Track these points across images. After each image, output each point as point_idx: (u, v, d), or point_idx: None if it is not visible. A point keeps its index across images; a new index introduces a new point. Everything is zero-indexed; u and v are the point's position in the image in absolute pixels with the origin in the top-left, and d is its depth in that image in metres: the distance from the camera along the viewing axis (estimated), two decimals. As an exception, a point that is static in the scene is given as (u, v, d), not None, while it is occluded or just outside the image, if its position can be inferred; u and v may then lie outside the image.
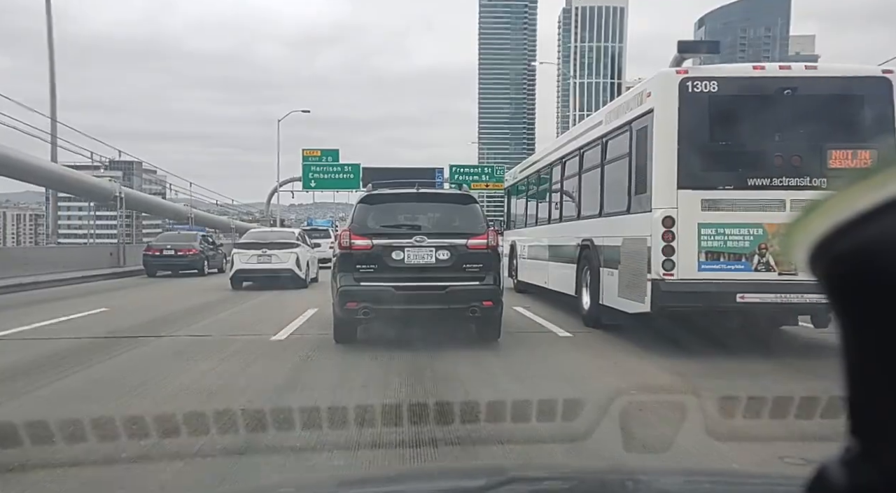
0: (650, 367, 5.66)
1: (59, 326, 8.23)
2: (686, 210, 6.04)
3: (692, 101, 6.10)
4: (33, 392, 4.69)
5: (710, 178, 6.09)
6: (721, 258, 6.05)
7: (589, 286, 7.87)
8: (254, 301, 11.29)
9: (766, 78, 6.23)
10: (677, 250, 6.04)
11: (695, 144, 6.10)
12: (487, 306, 6.45)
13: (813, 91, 6.14)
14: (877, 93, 6.08)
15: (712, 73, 6.22)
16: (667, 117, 6.16)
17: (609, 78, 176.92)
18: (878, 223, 0.40)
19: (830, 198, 0.42)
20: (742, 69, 6.54)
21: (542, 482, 1.14)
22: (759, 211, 6.01)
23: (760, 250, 6.03)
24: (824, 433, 3.31)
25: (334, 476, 2.52)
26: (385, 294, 6.32)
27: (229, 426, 3.68)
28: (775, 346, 6.73)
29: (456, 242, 6.48)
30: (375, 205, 6.86)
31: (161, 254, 18.67)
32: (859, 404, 0.44)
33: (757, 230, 6.03)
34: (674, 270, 6.03)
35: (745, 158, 6.10)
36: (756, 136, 6.15)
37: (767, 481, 1.33)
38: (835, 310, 0.44)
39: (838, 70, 6.36)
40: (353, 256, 6.50)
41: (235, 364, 5.68)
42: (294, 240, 14.69)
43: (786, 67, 6.36)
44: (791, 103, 6.10)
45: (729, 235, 6.05)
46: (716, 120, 6.16)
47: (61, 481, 2.98)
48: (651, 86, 6.51)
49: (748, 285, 5.97)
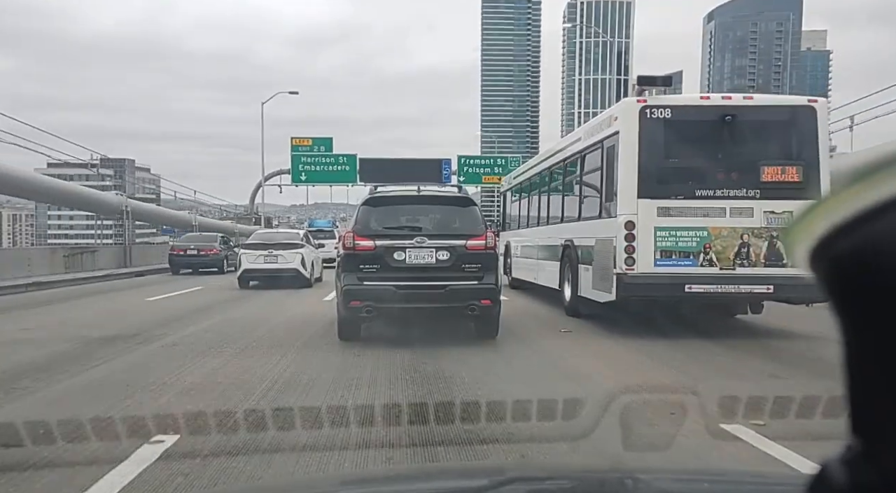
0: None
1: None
2: (644, 216, 7.50)
3: (650, 125, 7.57)
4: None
5: (665, 189, 7.55)
6: (673, 256, 7.51)
7: (569, 281, 9.36)
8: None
9: (712, 106, 7.71)
10: (637, 249, 7.49)
11: (652, 160, 7.56)
12: (486, 304, 6.87)
13: (750, 117, 7.60)
14: (804, 119, 7.56)
15: (667, 102, 7.70)
16: (629, 138, 7.63)
17: (617, 74, 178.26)
18: (878, 223, 0.40)
19: (830, 198, 0.43)
20: (691, 99, 8.03)
21: (542, 482, 1.16)
22: (704, 217, 7.47)
23: (705, 249, 7.49)
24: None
25: (335, 476, 2.65)
26: (387, 293, 6.71)
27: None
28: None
29: (455, 243, 6.90)
30: (378, 207, 7.31)
31: (185, 253, 20.70)
32: (859, 404, 0.45)
33: (702, 233, 7.49)
34: (634, 265, 7.49)
35: (694, 173, 7.57)
36: (702, 154, 7.61)
37: (768, 480, 1.32)
38: (835, 310, 0.44)
39: (771, 99, 7.85)
40: (356, 256, 6.90)
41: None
42: (299, 240, 15.73)
43: (727, 97, 7.84)
44: (732, 127, 7.57)
45: (679, 237, 7.51)
46: (669, 141, 7.61)
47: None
48: (617, 111, 7.98)
49: (694, 278, 7.43)
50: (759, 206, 7.42)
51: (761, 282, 7.40)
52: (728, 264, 7.42)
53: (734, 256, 7.43)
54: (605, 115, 8.63)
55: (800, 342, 7.37)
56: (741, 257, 7.43)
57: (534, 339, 7.51)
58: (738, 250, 7.43)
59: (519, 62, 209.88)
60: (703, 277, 7.42)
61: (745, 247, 7.43)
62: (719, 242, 7.45)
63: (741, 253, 7.43)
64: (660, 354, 6.46)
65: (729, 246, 7.43)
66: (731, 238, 7.44)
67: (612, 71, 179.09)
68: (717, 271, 7.44)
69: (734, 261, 7.43)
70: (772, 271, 7.36)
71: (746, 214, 7.44)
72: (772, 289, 7.41)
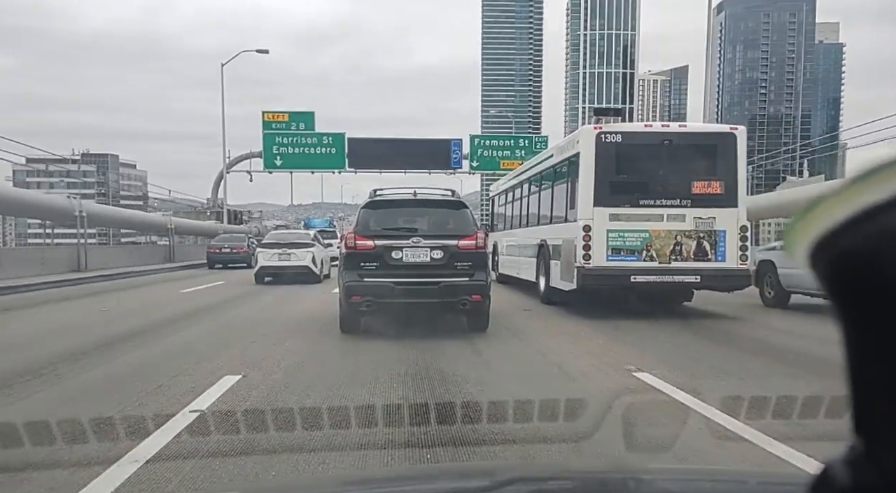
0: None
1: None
2: (599, 221, 9.76)
3: (604, 147, 9.83)
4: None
5: (615, 199, 9.81)
6: (621, 253, 9.78)
7: (544, 274, 11.64)
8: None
9: (654, 132, 9.99)
10: (593, 247, 9.76)
11: (605, 176, 9.82)
12: (476, 299, 7.64)
13: (684, 142, 9.88)
14: (726, 143, 9.83)
15: (617, 129, 9.97)
16: (588, 158, 9.89)
17: (622, 68, 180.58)
18: (879, 223, 0.41)
19: (831, 197, 0.44)
20: (637, 126, 10.34)
21: (545, 483, 1.21)
22: (646, 221, 9.74)
23: (647, 248, 9.75)
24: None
25: (336, 476, 2.76)
26: (385, 289, 7.45)
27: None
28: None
29: (448, 243, 7.66)
30: (377, 210, 8.10)
31: (220, 251, 25.28)
32: (861, 404, 0.46)
33: (645, 234, 9.75)
34: (591, 260, 9.76)
35: (638, 186, 9.82)
36: (646, 171, 9.87)
37: (769, 480, 1.37)
38: (835, 309, 0.45)
39: (701, 127, 10.16)
40: (357, 255, 7.65)
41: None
42: (310, 240, 18.17)
43: (666, 126, 10.13)
44: (669, 150, 9.84)
45: (626, 238, 9.78)
46: (620, 160, 9.87)
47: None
48: (579, 136, 10.25)
49: (638, 270, 9.69)
50: (690, 213, 9.69)
51: (691, 273, 9.68)
52: (665, 260, 9.70)
53: (670, 253, 9.70)
54: (570, 137, 10.93)
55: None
56: (675, 253, 9.70)
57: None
58: (673, 248, 9.70)
59: (520, 56, 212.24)
60: (645, 269, 9.70)
61: (679, 246, 9.70)
62: (658, 241, 9.72)
63: (675, 250, 9.70)
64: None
65: (666, 245, 9.70)
66: (667, 239, 9.71)
67: (618, 65, 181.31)
68: (657, 264, 9.71)
69: (670, 257, 9.70)
70: (699, 264, 9.64)
71: (679, 219, 9.70)
72: (699, 279, 9.70)
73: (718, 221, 9.67)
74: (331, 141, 30.97)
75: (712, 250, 9.70)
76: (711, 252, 9.69)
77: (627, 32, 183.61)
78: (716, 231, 9.68)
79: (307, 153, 31.03)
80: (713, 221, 9.66)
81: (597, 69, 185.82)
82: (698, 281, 9.75)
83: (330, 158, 30.66)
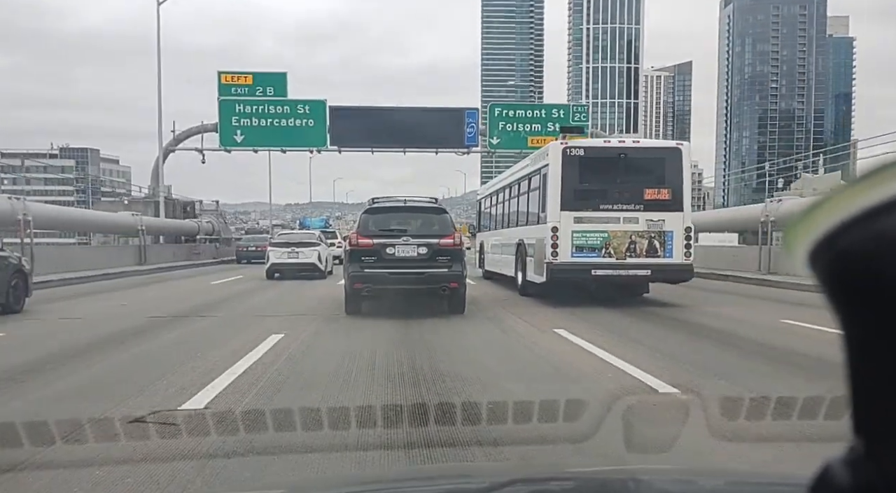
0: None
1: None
2: (565, 223, 11.83)
3: (569, 160, 11.90)
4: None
5: (579, 204, 11.86)
6: (584, 250, 11.85)
7: (521, 269, 13.74)
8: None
9: (611, 147, 12.08)
10: (559, 245, 11.83)
11: (570, 185, 11.89)
12: (454, 286, 9.83)
13: (637, 155, 11.95)
14: (672, 156, 11.92)
15: (581, 144, 12.05)
16: (555, 169, 11.97)
17: (626, 62, 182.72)
18: (879, 223, 0.42)
19: (830, 197, 0.45)
20: (598, 142, 12.45)
21: (545, 484, 1.25)
22: (605, 223, 11.80)
23: (606, 246, 11.81)
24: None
25: (337, 477, 3.00)
26: (381, 277, 9.60)
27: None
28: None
29: (431, 241, 9.75)
30: (375, 215, 10.32)
31: (247, 250, 31.10)
32: (861, 404, 0.47)
33: (604, 234, 11.82)
34: (558, 257, 11.82)
35: (598, 194, 11.89)
36: (604, 181, 11.93)
37: (771, 480, 1.41)
38: (835, 309, 0.47)
39: (652, 143, 12.27)
40: (359, 251, 9.79)
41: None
42: (316, 240, 20.68)
43: (622, 141, 12.24)
44: (625, 162, 11.91)
45: (588, 237, 11.85)
46: (583, 171, 11.94)
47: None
48: (549, 150, 12.34)
49: (598, 265, 11.76)
50: (643, 216, 11.77)
51: (643, 268, 11.76)
52: (621, 256, 11.77)
53: (625, 250, 11.77)
54: (542, 150, 13.04)
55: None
56: (630, 250, 11.78)
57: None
58: (628, 246, 11.78)
59: (521, 51, 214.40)
60: (604, 264, 11.78)
61: (633, 244, 11.78)
62: (615, 240, 11.79)
63: (630, 248, 11.78)
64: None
65: (622, 243, 11.78)
66: (623, 238, 11.78)
67: (622, 59, 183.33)
68: (614, 260, 11.79)
69: (625, 253, 11.78)
70: (650, 260, 11.72)
71: (634, 221, 11.77)
72: (650, 272, 11.79)
73: (667, 223, 11.74)
74: (308, 111, 24.21)
75: (661, 247, 11.77)
76: (661, 249, 11.77)
77: (632, 26, 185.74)
78: (664, 232, 11.76)
79: (277, 126, 24.33)
80: (662, 223, 11.74)
81: (600, 64, 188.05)
82: (649, 274, 11.84)
83: (306, 133, 23.93)
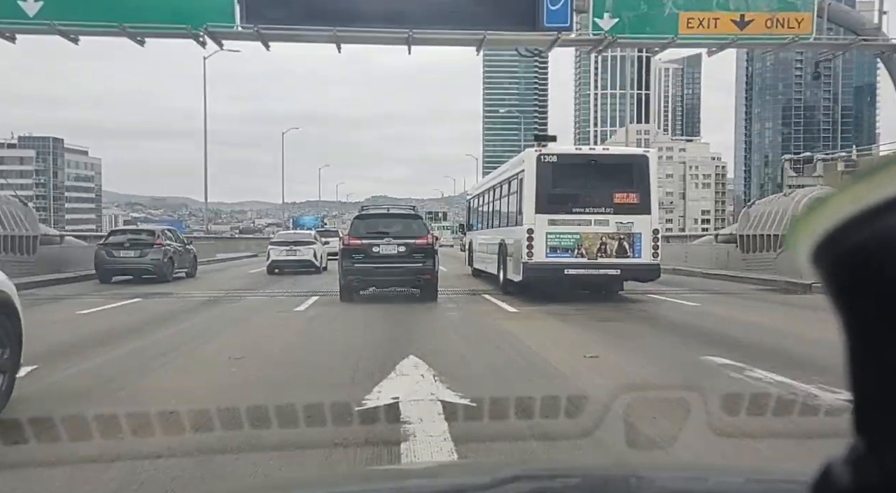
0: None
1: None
2: (539, 225, 13.24)
3: (543, 166, 13.31)
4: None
5: (552, 208, 13.25)
6: (557, 251, 13.26)
7: (502, 268, 15.19)
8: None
9: (582, 154, 13.52)
10: (534, 246, 13.24)
11: (545, 189, 13.29)
12: (427, 278, 12.78)
13: (607, 161, 13.37)
14: (640, 163, 13.33)
15: (554, 151, 13.47)
16: (531, 174, 13.38)
17: (636, 51, 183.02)
18: (883, 221, 0.44)
19: (833, 197, 0.47)
20: (570, 149, 13.91)
21: (546, 480, 1.28)
22: (577, 226, 13.21)
23: (578, 247, 13.22)
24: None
25: (335, 473, 3.15)
26: (369, 270, 12.63)
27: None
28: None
29: (409, 242, 12.60)
30: (364, 220, 13.45)
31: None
32: (863, 403, 0.49)
33: (576, 236, 13.23)
34: (533, 257, 13.24)
35: (570, 198, 13.28)
36: (577, 185, 13.32)
37: (772, 478, 1.46)
38: (837, 308, 0.48)
39: (620, 150, 13.70)
40: (350, 249, 12.73)
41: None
42: (312, 239, 23.33)
43: (593, 149, 13.73)
44: (595, 168, 13.32)
45: (562, 239, 13.26)
46: (556, 176, 13.33)
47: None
48: (524, 156, 13.78)
49: (571, 265, 13.17)
50: (613, 219, 13.17)
51: (613, 267, 13.18)
52: (592, 256, 13.19)
53: (596, 250, 13.19)
54: (519, 157, 14.51)
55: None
56: (601, 251, 13.19)
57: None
58: (598, 247, 13.19)
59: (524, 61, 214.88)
60: (576, 264, 13.19)
61: (603, 245, 13.19)
62: (587, 242, 13.21)
63: (601, 249, 13.19)
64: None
65: (593, 244, 13.20)
66: (594, 239, 13.20)
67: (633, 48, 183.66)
68: (586, 260, 13.21)
69: (596, 254, 13.19)
70: (619, 260, 13.13)
71: (604, 224, 13.18)
72: (619, 272, 13.21)
73: (636, 225, 13.15)
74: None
75: (630, 248, 13.19)
76: (630, 250, 13.18)
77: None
78: (633, 233, 13.17)
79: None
80: (631, 226, 13.15)
81: (609, 53, 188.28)
82: (619, 274, 13.26)
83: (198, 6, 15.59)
